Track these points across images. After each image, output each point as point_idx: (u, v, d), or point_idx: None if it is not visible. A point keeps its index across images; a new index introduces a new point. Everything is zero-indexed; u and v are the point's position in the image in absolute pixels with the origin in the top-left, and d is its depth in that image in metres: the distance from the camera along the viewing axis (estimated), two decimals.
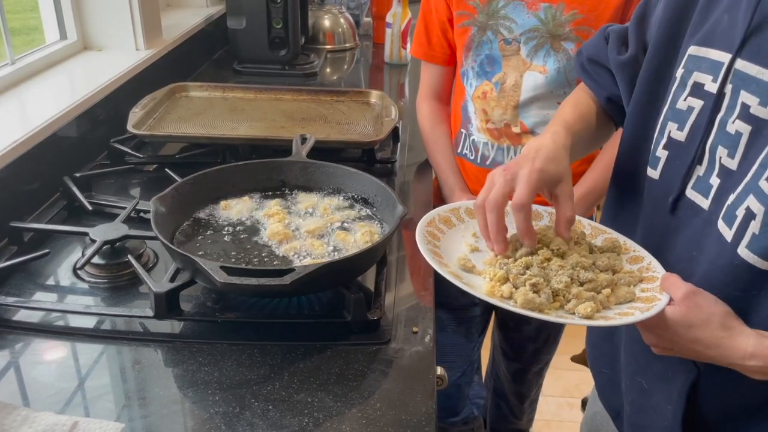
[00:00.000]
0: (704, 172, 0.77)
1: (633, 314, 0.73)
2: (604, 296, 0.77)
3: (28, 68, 1.52)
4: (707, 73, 0.77)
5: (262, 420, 0.78)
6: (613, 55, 0.96)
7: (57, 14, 1.69)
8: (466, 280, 0.79)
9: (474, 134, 1.45)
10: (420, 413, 0.80)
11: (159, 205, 1.02)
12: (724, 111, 0.75)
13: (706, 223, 0.76)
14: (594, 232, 0.91)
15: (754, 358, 0.68)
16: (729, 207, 0.73)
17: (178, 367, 0.87)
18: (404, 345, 0.92)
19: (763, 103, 0.70)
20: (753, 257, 0.70)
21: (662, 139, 0.83)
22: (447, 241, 0.88)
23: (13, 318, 0.94)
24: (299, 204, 1.15)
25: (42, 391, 0.83)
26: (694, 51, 0.80)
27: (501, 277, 0.79)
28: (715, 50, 0.77)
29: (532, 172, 0.82)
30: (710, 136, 0.76)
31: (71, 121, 1.36)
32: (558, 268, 0.80)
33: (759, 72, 0.71)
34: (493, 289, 0.78)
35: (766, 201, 0.68)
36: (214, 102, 1.65)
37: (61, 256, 1.09)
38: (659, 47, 0.87)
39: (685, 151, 0.79)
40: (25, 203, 1.20)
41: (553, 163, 0.85)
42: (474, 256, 0.86)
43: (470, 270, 0.83)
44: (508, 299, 0.76)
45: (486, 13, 1.35)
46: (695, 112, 0.78)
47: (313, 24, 2.35)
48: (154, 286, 0.92)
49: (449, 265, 0.82)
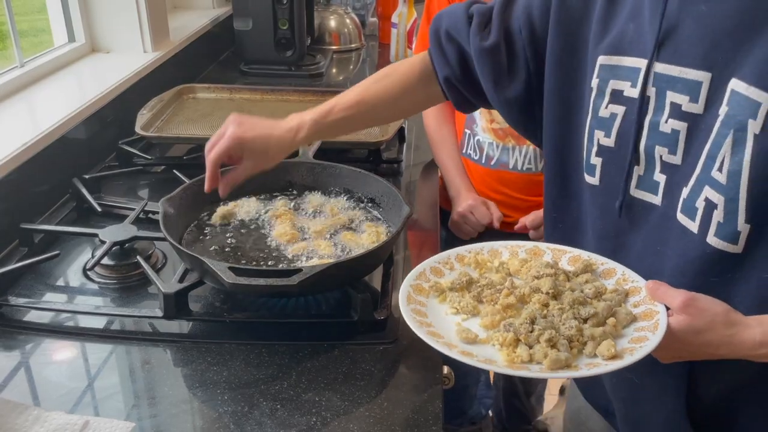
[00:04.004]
0: (644, 171, 0.80)
1: (647, 337, 0.73)
2: (611, 327, 0.76)
3: (37, 71, 1.53)
4: (624, 79, 0.80)
5: (271, 419, 0.79)
6: (475, 40, 0.94)
7: (65, 17, 1.71)
8: (478, 356, 0.75)
9: (479, 134, 1.45)
10: (427, 412, 0.81)
11: (167, 207, 1.03)
12: (652, 113, 0.78)
13: (663, 218, 0.79)
14: (555, 255, 0.89)
15: (764, 346, 0.70)
16: (686, 200, 0.75)
17: (187, 367, 0.88)
18: (411, 344, 0.92)
19: (693, 100, 0.74)
20: (723, 243, 0.72)
21: (593, 147, 0.85)
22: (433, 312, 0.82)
23: (24, 318, 0.95)
24: (306, 204, 1.16)
25: (53, 390, 0.84)
26: (605, 60, 0.82)
27: (511, 341, 0.75)
28: (628, 57, 0.79)
29: (233, 136, 0.99)
30: (642, 137, 0.79)
31: (80, 124, 1.37)
32: (559, 312, 0.78)
33: (681, 72, 0.74)
34: (511, 357, 0.74)
35: (724, 190, 0.71)
36: (221, 103, 1.65)
37: (71, 257, 1.10)
38: (560, 57, 0.87)
39: (618, 155, 0.82)
40: (35, 205, 1.21)
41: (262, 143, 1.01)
42: (468, 323, 0.81)
43: (474, 341, 0.78)
44: (529, 362, 0.73)
45: None
46: (619, 117, 0.81)
47: (319, 25, 2.35)
48: (163, 286, 0.93)
49: (455, 344, 0.77)
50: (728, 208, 0.71)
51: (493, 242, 0.93)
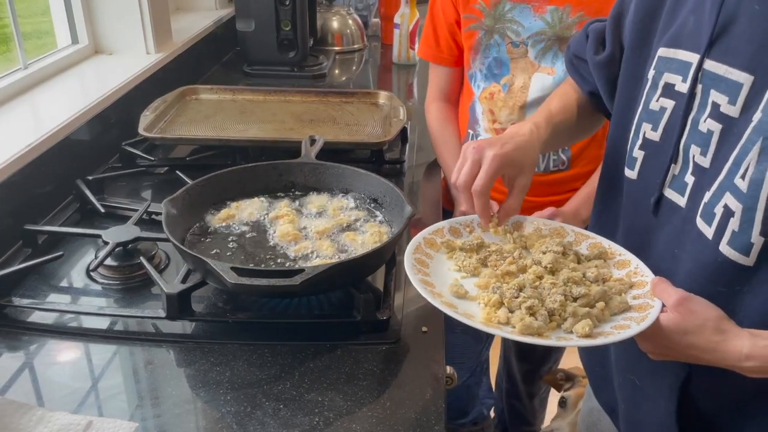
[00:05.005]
0: (679, 171, 0.79)
1: (630, 326, 0.73)
2: (599, 310, 0.77)
3: (41, 73, 1.54)
4: (677, 73, 0.79)
5: (273, 419, 0.79)
6: (590, 54, 0.99)
7: (68, 19, 1.71)
8: (461, 309, 0.78)
9: (481, 134, 1.45)
10: (429, 412, 0.81)
11: (170, 207, 1.03)
12: (695, 110, 0.77)
13: (685, 221, 0.78)
14: (578, 238, 0.91)
15: (750, 359, 0.69)
16: (706, 205, 0.74)
17: (190, 367, 0.88)
18: (413, 345, 0.92)
19: (731, 102, 0.72)
20: (734, 254, 0.71)
21: (638, 140, 0.85)
22: (436, 265, 0.86)
23: (28, 319, 0.95)
24: (308, 205, 1.16)
25: (56, 391, 0.84)
26: (663, 52, 0.82)
27: (495, 302, 0.78)
28: (683, 51, 0.79)
29: (496, 156, 0.88)
30: (684, 135, 0.78)
31: (83, 125, 1.37)
32: (551, 286, 0.79)
33: (726, 71, 0.73)
34: (489, 317, 0.77)
35: (744, 198, 0.69)
36: (224, 104, 1.66)
37: (74, 258, 1.11)
38: (632, 50, 0.89)
39: (661, 150, 0.81)
40: (38, 206, 1.22)
41: (521, 152, 0.90)
42: (466, 281, 0.84)
43: (463, 296, 0.81)
44: (506, 324, 0.76)
45: (493, 17, 1.35)
46: (668, 112, 0.80)
47: (322, 25, 2.36)
48: (166, 287, 0.93)
49: (442, 294, 0.80)
50: (745, 218, 0.70)
51: (519, 216, 0.95)
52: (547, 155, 1.40)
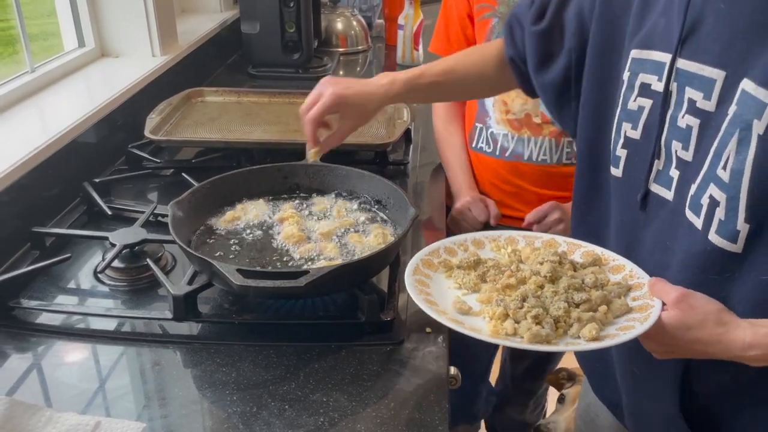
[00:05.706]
0: (663, 166, 0.81)
1: (634, 326, 0.75)
2: (602, 314, 0.78)
3: (47, 76, 1.55)
4: (652, 73, 0.81)
5: (279, 419, 0.80)
6: (527, 23, 1.02)
7: (75, 22, 1.72)
8: (467, 325, 0.79)
9: (492, 127, 1.44)
10: (433, 413, 0.81)
11: (176, 210, 1.04)
12: (673, 107, 0.79)
13: (674, 214, 0.80)
14: (571, 248, 0.92)
15: (753, 348, 0.71)
16: (693, 197, 0.77)
17: (196, 368, 0.89)
18: (418, 345, 0.93)
19: (707, 97, 0.75)
20: (723, 241, 0.74)
21: (620, 139, 0.87)
22: (436, 284, 0.87)
23: (36, 321, 0.96)
24: (313, 207, 1.17)
25: (64, 392, 0.85)
26: (636, 54, 0.84)
27: (501, 315, 0.79)
28: (656, 51, 0.81)
29: (333, 94, 1.03)
30: (664, 131, 0.81)
31: (90, 128, 1.38)
32: (552, 295, 0.81)
33: (699, 68, 0.76)
34: (497, 329, 0.78)
35: (727, 188, 0.72)
36: (229, 106, 1.67)
37: (81, 260, 1.12)
38: (600, 50, 0.90)
39: (643, 148, 0.83)
40: (46, 209, 1.23)
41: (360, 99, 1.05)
42: (467, 297, 0.85)
43: (467, 312, 0.82)
44: (513, 335, 0.77)
45: (507, 4, 1.35)
46: (646, 110, 0.83)
47: (326, 27, 2.36)
48: (173, 288, 0.94)
49: (447, 312, 0.81)
50: (729, 206, 0.72)
51: (512, 231, 0.96)
52: (560, 148, 1.40)
